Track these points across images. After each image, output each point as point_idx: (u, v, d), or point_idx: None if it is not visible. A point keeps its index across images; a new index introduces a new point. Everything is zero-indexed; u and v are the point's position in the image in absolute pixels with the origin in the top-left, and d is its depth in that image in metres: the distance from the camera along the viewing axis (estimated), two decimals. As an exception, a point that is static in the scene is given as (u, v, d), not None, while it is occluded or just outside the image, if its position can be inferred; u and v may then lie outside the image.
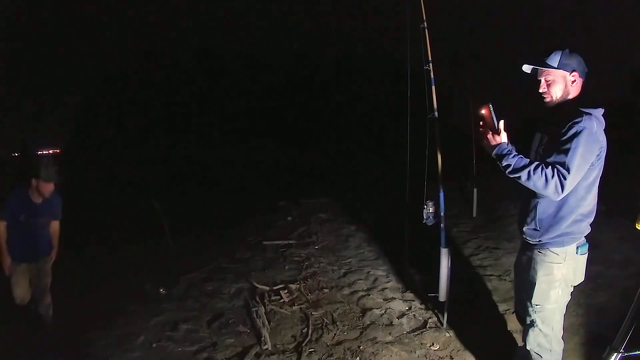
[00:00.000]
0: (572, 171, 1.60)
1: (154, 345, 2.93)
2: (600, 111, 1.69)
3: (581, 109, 1.66)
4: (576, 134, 1.61)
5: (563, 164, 1.61)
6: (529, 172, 1.64)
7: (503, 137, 1.77)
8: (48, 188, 3.01)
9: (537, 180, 1.63)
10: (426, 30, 2.66)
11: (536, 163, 1.66)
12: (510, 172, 1.70)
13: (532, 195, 1.79)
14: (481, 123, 1.81)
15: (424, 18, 2.66)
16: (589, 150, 1.62)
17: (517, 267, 2.03)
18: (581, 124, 1.61)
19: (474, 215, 5.22)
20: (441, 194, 2.60)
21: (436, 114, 2.67)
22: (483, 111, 1.79)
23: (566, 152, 1.61)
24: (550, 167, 1.63)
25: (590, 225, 1.82)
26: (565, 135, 1.64)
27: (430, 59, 2.66)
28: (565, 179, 1.60)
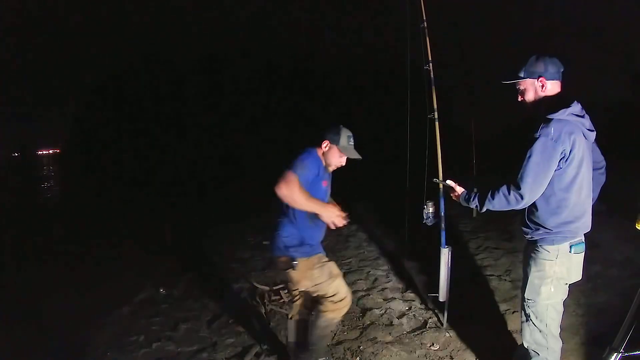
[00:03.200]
0: (528, 179, 1.69)
1: (154, 345, 2.93)
2: (565, 111, 1.70)
3: (547, 116, 1.70)
4: (531, 144, 1.70)
5: (518, 175, 1.72)
6: (489, 200, 1.81)
7: (458, 189, 2.01)
8: (341, 163, 2.28)
9: (499, 201, 1.78)
10: (426, 30, 2.66)
11: (492, 189, 1.81)
12: (481, 209, 1.87)
13: None
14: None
15: (424, 18, 2.65)
16: (545, 157, 1.68)
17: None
18: (537, 133, 1.69)
19: (474, 215, 5.22)
20: (441, 194, 2.60)
21: (436, 114, 2.67)
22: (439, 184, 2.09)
23: (523, 162, 1.72)
24: (505, 185, 1.76)
25: (587, 224, 1.83)
26: (527, 146, 1.73)
27: (430, 59, 2.66)
28: (519, 188, 1.71)
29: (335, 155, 2.21)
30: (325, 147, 2.22)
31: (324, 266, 2.20)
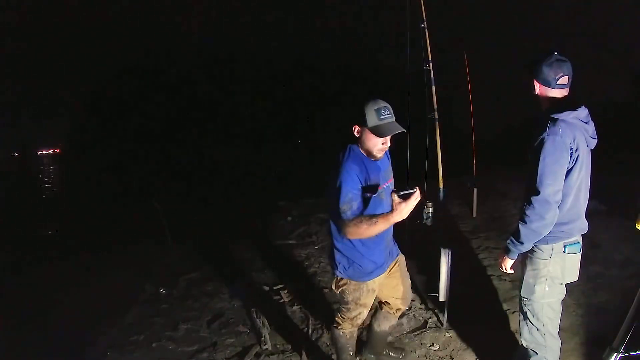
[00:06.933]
0: (548, 180, 1.67)
1: (154, 345, 2.93)
2: (571, 114, 1.69)
3: (552, 115, 1.69)
4: (540, 146, 1.68)
5: (535, 180, 1.69)
6: (522, 226, 1.73)
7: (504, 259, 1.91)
8: (382, 145, 1.79)
9: (531, 219, 1.70)
10: (426, 30, 2.66)
11: (518, 219, 1.76)
12: (525, 243, 1.77)
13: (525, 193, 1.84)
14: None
15: (424, 18, 2.66)
16: (557, 156, 1.67)
17: None
18: (544, 134, 1.67)
19: (474, 215, 5.21)
20: (441, 194, 2.60)
21: (436, 114, 2.67)
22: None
23: (536, 166, 1.69)
24: (525, 202, 1.73)
25: (582, 227, 1.84)
26: (533, 147, 1.71)
27: (430, 59, 2.66)
28: (539, 193, 1.68)
29: (371, 139, 1.75)
30: (357, 132, 1.79)
31: (374, 288, 2.09)
